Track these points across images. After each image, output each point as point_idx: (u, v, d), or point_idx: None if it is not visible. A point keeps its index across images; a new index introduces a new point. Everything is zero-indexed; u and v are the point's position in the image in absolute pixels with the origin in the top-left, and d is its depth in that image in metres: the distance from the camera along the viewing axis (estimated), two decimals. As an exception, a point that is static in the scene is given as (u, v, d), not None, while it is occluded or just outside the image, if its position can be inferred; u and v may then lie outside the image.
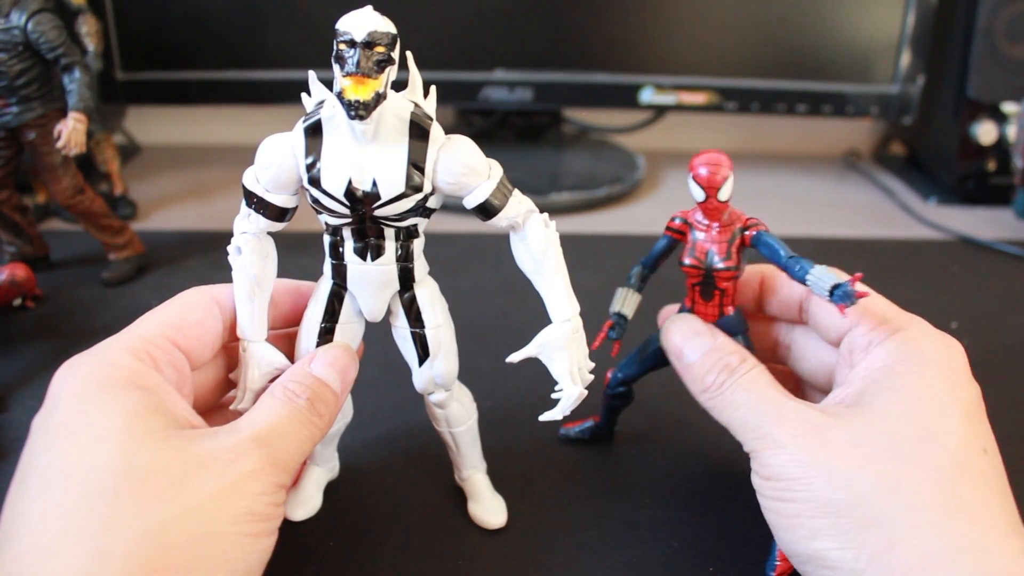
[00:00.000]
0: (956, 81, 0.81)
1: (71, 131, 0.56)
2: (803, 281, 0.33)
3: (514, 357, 0.34)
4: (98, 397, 0.28)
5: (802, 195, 0.87)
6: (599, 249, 0.70)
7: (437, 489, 0.40)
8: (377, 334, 0.35)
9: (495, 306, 0.59)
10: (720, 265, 0.35)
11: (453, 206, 0.78)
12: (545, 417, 0.35)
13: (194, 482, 0.27)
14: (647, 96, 0.81)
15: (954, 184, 0.84)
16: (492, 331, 0.55)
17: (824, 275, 0.33)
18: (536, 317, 0.34)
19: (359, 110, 0.29)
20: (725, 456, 0.42)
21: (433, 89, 0.32)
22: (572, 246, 0.35)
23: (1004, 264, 0.71)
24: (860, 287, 0.32)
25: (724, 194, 0.34)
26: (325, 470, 0.40)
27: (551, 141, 0.93)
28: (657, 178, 0.90)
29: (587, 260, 0.65)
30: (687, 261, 0.36)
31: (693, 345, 0.35)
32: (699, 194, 0.35)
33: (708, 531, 0.39)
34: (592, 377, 0.35)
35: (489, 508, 0.38)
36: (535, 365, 0.34)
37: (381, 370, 0.50)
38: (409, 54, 0.32)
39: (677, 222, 0.37)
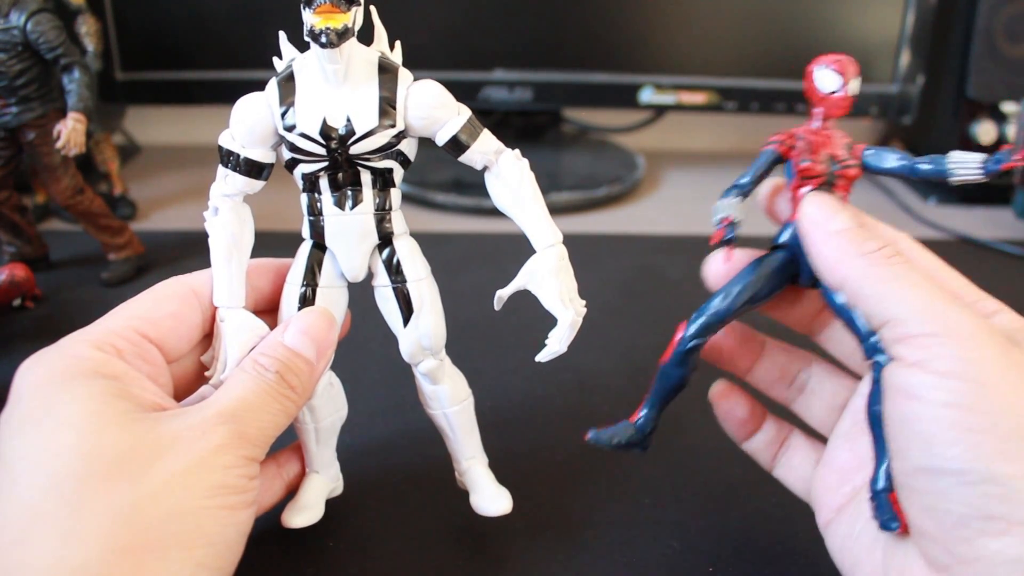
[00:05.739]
0: (956, 81, 0.81)
1: (70, 131, 0.56)
2: (943, 174, 0.32)
3: (503, 292, 0.34)
4: (62, 387, 0.28)
5: (802, 195, 0.87)
6: (599, 249, 0.70)
7: (437, 489, 0.40)
8: (378, 335, 0.35)
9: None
10: (841, 166, 0.34)
11: (453, 206, 0.78)
12: (543, 355, 0.33)
13: (162, 461, 0.27)
14: (647, 96, 0.81)
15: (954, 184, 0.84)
16: (492, 331, 0.55)
17: (965, 156, 0.31)
18: (537, 317, 0.34)
19: (330, 35, 0.30)
20: (725, 456, 0.42)
21: (398, 44, 0.34)
22: (571, 246, 0.35)
23: (1004, 264, 0.71)
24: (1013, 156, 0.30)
25: (854, 87, 0.34)
26: (326, 478, 0.38)
27: (551, 141, 0.93)
28: (657, 178, 0.90)
29: (587, 260, 0.65)
30: (805, 163, 0.34)
31: (846, 215, 0.31)
32: (833, 82, 0.34)
33: (708, 531, 0.39)
34: (585, 310, 0.34)
35: (492, 494, 0.37)
36: (535, 364, 0.34)
37: (381, 370, 0.50)
38: (373, 9, 0.33)
39: (779, 137, 0.35)
